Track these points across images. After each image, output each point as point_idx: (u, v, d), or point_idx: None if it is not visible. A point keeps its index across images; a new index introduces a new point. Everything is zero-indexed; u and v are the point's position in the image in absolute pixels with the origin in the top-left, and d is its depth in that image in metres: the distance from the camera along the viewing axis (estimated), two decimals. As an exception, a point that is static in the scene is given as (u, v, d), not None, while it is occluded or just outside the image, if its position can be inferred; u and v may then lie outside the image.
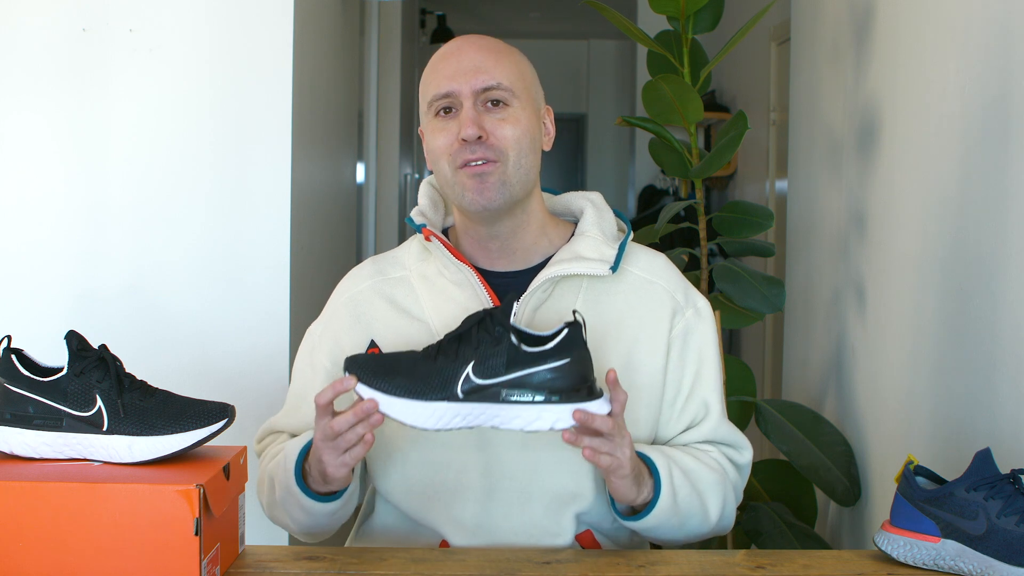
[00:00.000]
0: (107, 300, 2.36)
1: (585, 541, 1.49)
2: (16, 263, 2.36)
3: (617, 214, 1.59)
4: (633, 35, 2.42)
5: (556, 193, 1.63)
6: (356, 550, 1.43)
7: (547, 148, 1.54)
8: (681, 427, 1.53)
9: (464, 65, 1.46)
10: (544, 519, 1.47)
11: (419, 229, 1.52)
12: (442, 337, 1.36)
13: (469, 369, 1.29)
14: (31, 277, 2.36)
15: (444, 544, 1.49)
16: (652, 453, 1.44)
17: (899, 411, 2.14)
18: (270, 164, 2.40)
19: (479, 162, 1.44)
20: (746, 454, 1.56)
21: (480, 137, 1.43)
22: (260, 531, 1.81)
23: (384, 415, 1.30)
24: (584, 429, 1.31)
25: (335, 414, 1.33)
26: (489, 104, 1.46)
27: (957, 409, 1.85)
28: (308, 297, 2.59)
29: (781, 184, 4.20)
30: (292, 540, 2.41)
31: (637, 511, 1.43)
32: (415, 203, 1.58)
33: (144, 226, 2.37)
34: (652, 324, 1.51)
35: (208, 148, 2.38)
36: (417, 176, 6.95)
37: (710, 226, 2.55)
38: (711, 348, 1.55)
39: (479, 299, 1.49)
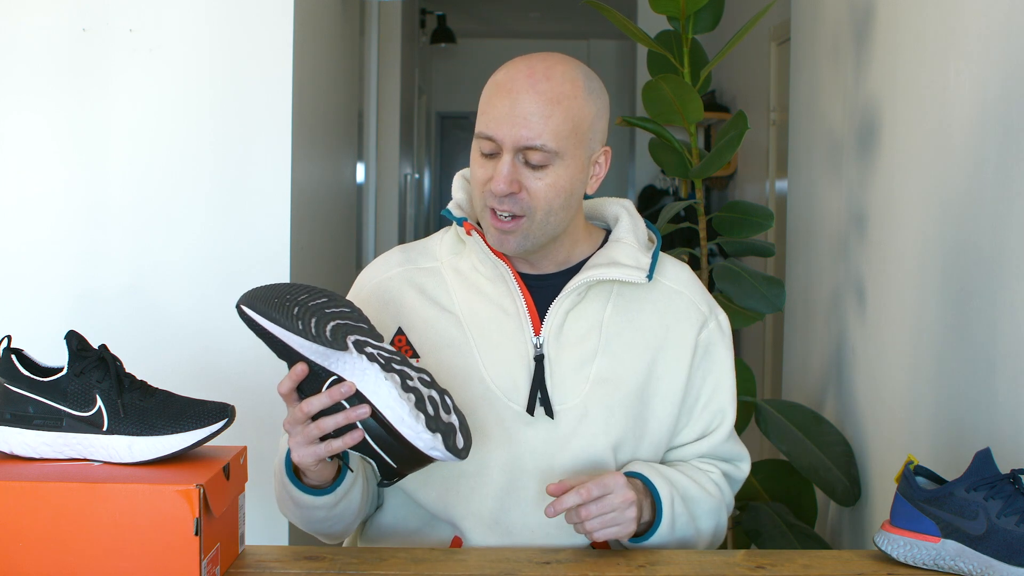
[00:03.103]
0: (107, 300, 2.36)
1: (598, 543, 1.50)
2: (16, 263, 2.36)
3: (647, 224, 1.59)
4: (633, 35, 2.42)
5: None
6: (356, 550, 1.43)
7: (590, 191, 1.51)
8: (694, 435, 1.56)
9: (516, 112, 1.39)
10: (560, 519, 1.47)
11: (459, 223, 1.51)
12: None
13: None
14: (31, 277, 2.36)
15: (456, 540, 1.50)
16: (656, 480, 1.46)
17: (899, 411, 2.14)
18: (270, 164, 2.39)
19: (505, 215, 1.43)
20: (744, 468, 1.61)
21: (512, 191, 1.41)
22: (260, 531, 1.81)
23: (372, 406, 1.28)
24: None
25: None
26: (529, 161, 1.41)
27: (957, 409, 1.85)
28: (308, 297, 2.58)
29: (781, 184, 4.20)
30: (292, 540, 2.41)
31: (636, 533, 1.45)
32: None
33: (144, 226, 2.37)
34: (678, 334, 1.53)
35: (208, 148, 2.38)
36: (417, 176, 6.94)
37: (710, 226, 2.55)
38: (729, 363, 1.58)
39: (512, 296, 1.50)
